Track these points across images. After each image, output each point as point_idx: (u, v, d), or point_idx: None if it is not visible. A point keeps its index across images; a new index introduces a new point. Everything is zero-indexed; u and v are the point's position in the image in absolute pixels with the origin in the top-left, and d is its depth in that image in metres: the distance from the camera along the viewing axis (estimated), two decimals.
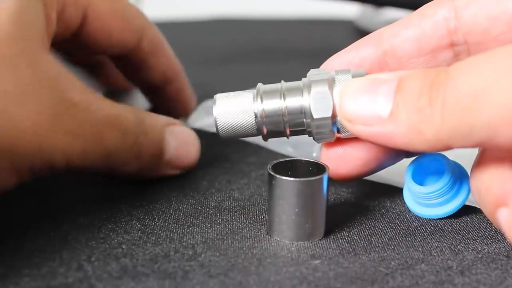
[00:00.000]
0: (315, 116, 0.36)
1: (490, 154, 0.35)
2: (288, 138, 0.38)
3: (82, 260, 0.35)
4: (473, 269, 0.35)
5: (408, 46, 0.38)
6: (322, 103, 0.36)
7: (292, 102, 0.37)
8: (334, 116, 0.36)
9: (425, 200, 0.39)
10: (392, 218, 0.40)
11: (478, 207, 0.40)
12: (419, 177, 0.40)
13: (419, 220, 0.40)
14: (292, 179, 0.36)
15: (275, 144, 0.50)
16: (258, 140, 0.51)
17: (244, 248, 0.37)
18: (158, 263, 0.35)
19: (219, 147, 0.51)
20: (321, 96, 0.36)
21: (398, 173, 0.43)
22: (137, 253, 0.36)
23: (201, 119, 0.54)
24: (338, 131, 0.37)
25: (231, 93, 0.38)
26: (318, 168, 0.38)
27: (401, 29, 0.38)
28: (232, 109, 0.37)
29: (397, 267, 0.35)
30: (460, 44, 0.37)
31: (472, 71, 0.31)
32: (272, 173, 0.37)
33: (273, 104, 0.37)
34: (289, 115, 0.37)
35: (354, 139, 0.38)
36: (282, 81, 0.38)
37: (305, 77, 0.38)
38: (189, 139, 0.44)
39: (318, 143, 0.38)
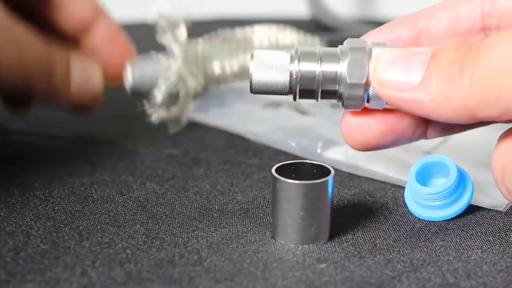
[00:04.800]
0: (349, 81, 0.37)
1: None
2: (317, 101, 0.38)
3: (86, 266, 0.35)
4: (478, 272, 0.35)
5: (443, 27, 0.39)
6: (358, 69, 0.37)
7: (328, 67, 0.37)
8: (366, 84, 0.37)
9: (429, 202, 0.39)
10: (396, 220, 0.40)
11: (481, 206, 0.40)
12: (422, 179, 0.40)
13: (423, 221, 0.40)
14: (297, 182, 0.36)
15: (278, 142, 0.50)
16: (260, 138, 0.51)
17: (249, 253, 0.37)
18: (163, 269, 0.35)
19: (220, 147, 0.51)
20: (357, 63, 0.37)
21: (400, 171, 0.44)
22: (141, 258, 0.36)
23: (198, 111, 0.54)
24: (368, 100, 0.37)
25: (270, 51, 0.38)
26: (322, 170, 0.38)
27: (438, 10, 0.39)
28: (269, 66, 0.38)
29: (403, 270, 0.35)
30: (492, 28, 0.39)
31: (505, 40, 0.32)
32: (276, 176, 0.37)
33: (310, 67, 0.37)
34: (323, 79, 0.37)
35: (376, 111, 0.38)
36: (318, 45, 0.38)
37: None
38: (91, 66, 0.48)
39: (346, 109, 0.38)
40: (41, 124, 0.55)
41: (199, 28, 0.75)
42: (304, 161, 0.39)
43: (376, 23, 0.83)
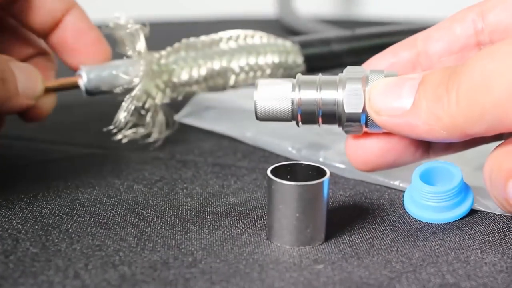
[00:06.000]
0: (346, 111, 0.38)
1: (506, 139, 0.36)
2: (319, 126, 0.40)
3: (78, 269, 0.35)
4: (479, 272, 0.35)
5: (439, 46, 0.41)
6: (354, 99, 0.38)
7: (327, 94, 0.39)
8: (364, 111, 0.38)
9: (429, 201, 0.39)
10: (393, 220, 0.40)
11: (481, 209, 0.40)
12: (425, 183, 0.39)
13: (420, 222, 0.40)
14: (293, 183, 0.36)
15: (277, 149, 0.49)
16: (259, 144, 0.50)
17: (245, 254, 0.36)
18: (158, 271, 0.34)
19: (207, 150, 0.50)
20: (354, 93, 0.38)
21: (398, 176, 0.44)
22: (135, 260, 0.35)
23: (191, 115, 0.53)
24: (366, 125, 0.39)
25: (273, 80, 0.40)
26: (318, 171, 0.38)
27: (434, 32, 0.41)
28: (272, 95, 0.40)
29: (402, 271, 0.35)
30: (486, 43, 0.40)
31: (485, 56, 0.34)
32: (272, 177, 0.36)
33: (309, 95, 0.39)
34: (323, 106, 0.39)
35: (377, 133, 0.40)
36: (320, 74, 0.40)
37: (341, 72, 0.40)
38: (32, 70, 0.47)
39: (347, 134, 0.40)
40: (21, 127, 0.54)
41: (199, 28, 0.73)
42: (300, 162, 0.38)
43: (351, 23, 0.83)
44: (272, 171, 0.37)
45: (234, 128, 0.51)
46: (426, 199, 0.39)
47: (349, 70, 0.39)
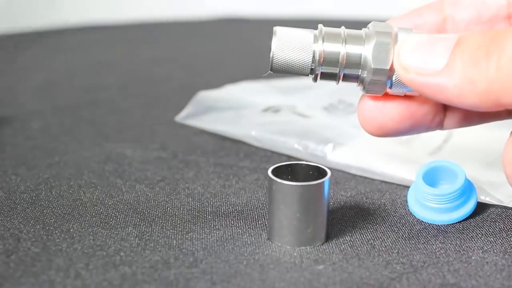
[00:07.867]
0: (373, 66, 0.36)
1: None
2: (337, 83, 0.37)
3: (79, 268, 0.35)
4: (480, 272, 0.35)
5: (468, 14, 0.39)
6: (383, 54, 0.36)
7: (353, 49, 0.36)
8: (391, 69, 0.36)
9: (433, 203, 0.39)
10: (394, 221, 0.40)
11: (485, 202, 0.41)
12: (429, 182, 0.39)
13: (421, 223, 0.39)
14: (293, 183, 0.36)
15: (282, 147, 0.49)
16: (263, 143, 0.50)
17: (246, 254, 0.36)
18: (159, 271, 0.34)
19: (209, 150, 0.50)
20: (383, 48, 0.36)
21: (409, 172, 0.44)
22: (136, 260, 0.35)
23: (193, 116, 0.53)
24: (390, 86, 0.36)
25: (292, 28, 0.37)
26: (318, 171, 0.38)
27: None
28: (291, 44, 0.36)
29: (402, 272, 0.35)
30: None
31: None
32: (273, 177, 0.36)
33: (334, 47, 0.36)
34: (347, 61, 0.36)
35: (397, 96, 0.37)
36: (343, 26, 0.37)
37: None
38: None
39: (366, 94, 0.37)
40: (23, 126, 0.54)
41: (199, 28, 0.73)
42: (300, 162, 0.38)
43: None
44: (273, 171, 0.37)
45: (236, 128, 0.51)
46: (429, 200, 0.39)
47: (377, 25, 0.36)
